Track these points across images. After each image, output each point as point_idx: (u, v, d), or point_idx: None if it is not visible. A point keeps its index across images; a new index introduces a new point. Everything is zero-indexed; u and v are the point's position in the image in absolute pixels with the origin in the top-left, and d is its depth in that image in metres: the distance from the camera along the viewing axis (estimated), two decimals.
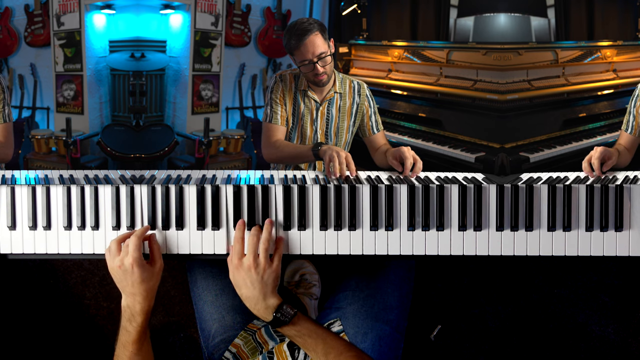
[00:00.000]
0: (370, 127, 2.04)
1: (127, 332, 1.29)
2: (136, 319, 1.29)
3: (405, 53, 2.80)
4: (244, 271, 1.30)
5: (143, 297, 1.29)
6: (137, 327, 1.28)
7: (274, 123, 1.95)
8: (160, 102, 3.20)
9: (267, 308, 1.28)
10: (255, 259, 1.30)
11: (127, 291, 1.30)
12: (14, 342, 2.24)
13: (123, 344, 1.29)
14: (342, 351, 1.25)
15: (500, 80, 2.30)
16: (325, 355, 1.25)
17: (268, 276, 1.30)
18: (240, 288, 1.31)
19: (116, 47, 3.13)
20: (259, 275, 1.29)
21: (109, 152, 2.83)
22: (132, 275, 1.29)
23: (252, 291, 1.29)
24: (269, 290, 1.29)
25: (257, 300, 1.29)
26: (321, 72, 1.86)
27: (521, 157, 2.15)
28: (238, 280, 1.31)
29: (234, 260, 1.31)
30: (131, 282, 1.29)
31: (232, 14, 3.36)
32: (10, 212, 1.40)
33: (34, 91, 3.21)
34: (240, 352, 1.52)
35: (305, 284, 2.05)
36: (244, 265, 1.30)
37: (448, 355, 2.23)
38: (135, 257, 1.29)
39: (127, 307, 1.30)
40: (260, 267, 1.30)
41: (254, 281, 1.29)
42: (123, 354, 1.29)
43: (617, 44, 2.60)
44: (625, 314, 2.27)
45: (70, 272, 2.32)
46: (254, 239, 1.33)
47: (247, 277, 1.29)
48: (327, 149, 1.64)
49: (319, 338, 1.27)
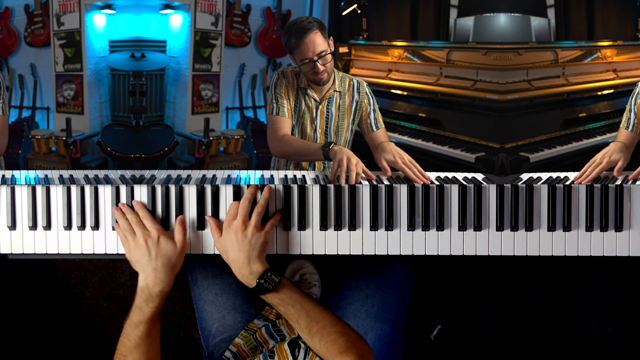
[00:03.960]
0: (369, 125, 2.03)
1: (142, 312, 1.26)
2: (154, 299, 1.26)
3: (405, 53, 2.80)
4: (232, 232, 1.28)
5: (165, 274, 1.27)
6: (153, 308, 1.26)
7: (281, 115, 1.92)
8: (160, 102, 3.19)
9: (252, 273, 1.26)
10: (245, 221, 1.29)
11: (149, 268, 1.27)
12: (14, 342, 2.24)
13: (135, 324, 1.26)
14: (325, 324, 1.22)
15: (500, 80, 2.30)
16: (308, 327, 1.23)
17: (255, 240, 1.28)
18: (227, 251, 1.29)
19: (116, 47, 3.12)
20: (247, 238, 1.27)
21: (109, 152, 2.83)
22: (156, 247, 1.27)
23: (238, 254, 1.27)
24: (255, 255, 1.27)
25: (242, 264, 1.27)
26: (321, 71, 1.86)
27: (521, 157, 2.15)
28: (226, 242, 1.29)
29: (225, 222, 1.30)
30: (155, 254, 1.27)
31: (232, 14, 3.36)
32: (10, 212, 1.40)
33: (34, 91, 3.21)
34: (240, 352, 1.52)
35: (305, 284, 2.05)
36: (233, 227, 1.28)
37: (448, 355, 2.23)
38: (157, 228, 1.29)
39: (146, 287, 1.27)
40: (249, 229, 1.28)
41: (240, 244, 1.27)
42: (133, 332, 1.26)
43: (617, 44, 2.59)
44: (625, 314, 2.27)
45: (70, 272, 2.32)
46: (245, 202, 1.31)
47: (235, 239, 1.27)
48: (339, 151, 1.58)
49: (302, 309, 1.25)
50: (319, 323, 1.23)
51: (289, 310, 1.26)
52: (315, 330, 1.22)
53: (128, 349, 1.26)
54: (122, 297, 2.27)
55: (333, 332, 1.21)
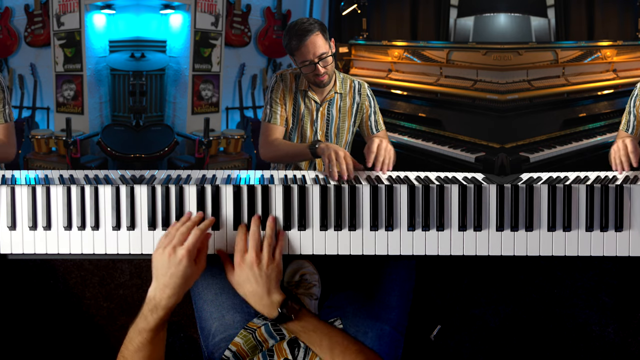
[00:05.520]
0: (369, 127, 2.04)
1: (146, 320, 1.26)
2: (158, 312, 1.26)
3: (405, 53, 2.80)
4: (247, 267, 1.28)
5: (174, 292, 1.26)
6: (157, 319, 1.26)
7: (273, 123, 1.94)
8: (160, 102, 3.19)
9: (272, 304, 1.27)
10: (258, 254, 1.28)
11: (161, 281, 1.26)
12: (14, 342, 2.24)
13: (139, 330, 1.26)
14: (347, 346, 1.24)
15: (500, 80, 2.30)
16: (330, 350, 1.24)
17: (271, 271, 1.28)
18: (243, 285, 1.29)
19: (116, 47, 3.12)
20: (262, 270, 1.27)
21: (109, 152, 2.83)
22: (177, 266, 1.25)
23: (256, 287, 1.27)
24: (273, 286, 1.28)
25: (262, 296, 1.27)
26: (322, 73, 1.85)
27: (521, 157, 2.15)
28: (241, 277, 1.29)
29: (237, 258, 1.29)
30: (171, 273, 1.25)
31: (232, 14, 3.36)
32: (10, 212, 1.40)
33: (34, 91, 3.21)
34: (240, 351, 1.52)
35: (305, 284, 2.05)
36: (247, 262, 1.28)
37: (448, 355, 2.23)
38: (189, 250, 1.26)
39: (153, 298, 1.26)
40: (264, 262, 1.28)
41: (257, 277, 1.27)
42: (136, 338, 1.26)
43: (617, 44, 2.59)
44: (625, 314, 2.27)
45: (70, 272, 2.32)
46: (255, 235, 1.32)
47: (251, 274, 1.27)
48: (325, 148, 1.61)
49: (323, 333, 1.26)
50: (340, 344, 1.25)
51: (311, 336, 1.27)
52: (338, 352, 1.24)
53: (130, 352, 1.27)
54: (122, 297, 2.27)
55: (354, 351, 1.24)
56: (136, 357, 1.26)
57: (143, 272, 2.26)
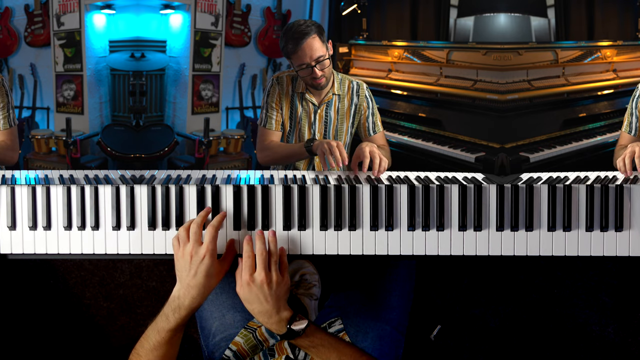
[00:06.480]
0: (367, 128, 2.02)
1: (167, 320, 1.27)
2: (181, 312, 1.27)
3: (405, 53, 2.80)
4: (256, 287, 1.27)
5: (198, 292, 1.27)
6: (179, 319, 1.27)
7: (268, 128, 1.94)
8: (160, 102, 3.19)
9: (281, 321, 1.27)
10: (267, 274, 1.28)
11: (185, 282, 1.27)
12: (14, 342, 2.25)
13: (158, 329, 1.27)
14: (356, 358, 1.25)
15: (500, 80, 2.30)
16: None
17: (280, 289, 1.29)
18: (251, 303, 1.29)
19: (116, 47, 3.12)
20: (272, 289, 1.28)
21: (109, 152, 2.83)
22: (200, 265, 1.27)
23: (266, 306, 1.27)
24: (282, 304, 1.29)
25: (271, 314, 1.27)
26: (319, 76, 1.83)
27: (521, 157, 2.15)
28: (250, 296, 1.28)
29: (245, 276, 1.28)
30: (194, 272, 1.27)
31: (232, 14, 3.36)
32: (10, 212, 1.40)
33: (34, 91, 3.21)
34: (240, 350, 1.52)
35: (306, 284, 2.05)
36: (257, 281, 1.27)
37: (448, 355, 2.23)
38: (210, 249, 1.28)
39: (177, 298, 1.27)
40: (274, 282, 1.28)
41: (267, 296, 1.27)
42: (154, 337, 1.27)
43: (617, 44, 2.59)
44: (625, 314, 2.27)
45: (70, 272, 2.32)
46: (263, 253, 1.31)
47: (260, 293, 1.27)
48: (319, 143, 1.64)
49: (331, 347, 1.27)
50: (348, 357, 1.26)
51: (320, 350, 1.27)
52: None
53: (145, 350, 1.27)
54: (122, 297, 2.27)
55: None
56: (151, 356, 1.26)
57: (143, 272, 2.26)
